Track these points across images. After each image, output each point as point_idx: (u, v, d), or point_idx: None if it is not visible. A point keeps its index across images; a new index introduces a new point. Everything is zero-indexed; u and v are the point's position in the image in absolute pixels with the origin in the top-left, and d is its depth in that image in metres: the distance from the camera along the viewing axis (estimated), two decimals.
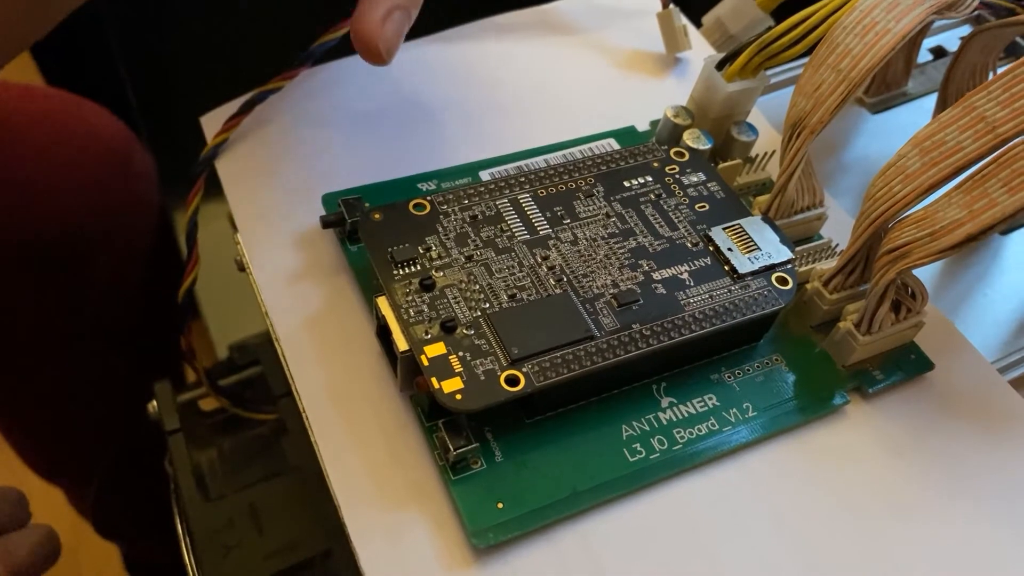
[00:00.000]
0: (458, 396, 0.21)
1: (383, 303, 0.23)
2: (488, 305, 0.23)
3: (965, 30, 0.37)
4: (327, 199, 0.27)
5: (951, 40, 0.37)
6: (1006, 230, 0.32)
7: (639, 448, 0.23)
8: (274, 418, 0.36)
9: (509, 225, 0.25)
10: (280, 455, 0.35)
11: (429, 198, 0.25)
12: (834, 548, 0.22)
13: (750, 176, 0.29)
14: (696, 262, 0.25)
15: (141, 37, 0.57)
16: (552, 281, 0.24)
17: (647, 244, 0.25)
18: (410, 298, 0.23)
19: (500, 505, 0.21)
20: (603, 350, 0.22)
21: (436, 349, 0.22)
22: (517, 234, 0.25)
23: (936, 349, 0.26)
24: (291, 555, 0.31)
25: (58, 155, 0.40)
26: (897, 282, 0.24)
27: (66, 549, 0.27)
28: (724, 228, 0.25)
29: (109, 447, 0.49)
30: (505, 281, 0.24)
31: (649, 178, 0.27)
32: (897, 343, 0.26)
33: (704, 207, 0.26)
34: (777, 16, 0.30)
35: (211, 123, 0.31)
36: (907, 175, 0.22)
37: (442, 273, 0.24)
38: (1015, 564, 0.22)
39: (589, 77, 0.33)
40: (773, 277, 0.25)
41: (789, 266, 0.25)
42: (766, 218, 0.26)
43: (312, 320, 0.25)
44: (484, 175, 0.29)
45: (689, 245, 0.25)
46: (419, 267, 0.24)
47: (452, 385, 0.21)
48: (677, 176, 0.27)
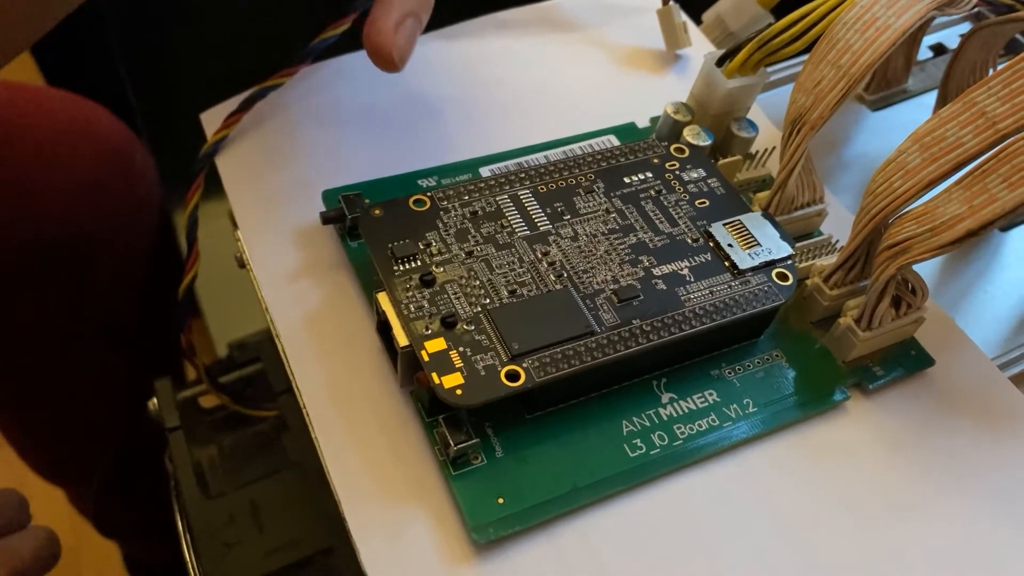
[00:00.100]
0: (458, 391, 0.21)
1: (383, 299, 0.23)
2: (488, 301, 0.23)
3: (965, 27, 0.37)
4: (327, 195, 0.27)
5: (951, 37, 0.37)
6: (1006, 226, 0.32)
7: (639, 444, 0.23)
8: (274, 415, 0.36)
9: (509, 221, 0.25)
10: (280, 452, 0.35)
11: (429, 194, 0.25)
12: (833, 544, 0.22)
13: (750, 172, 0.29)
14: (696, 258, 0.25)
15: (141, 36, 0.57)
16: (552, 277, 0.24)
17: (647, 240, 0.25)
18: (410, 294, 0.23)
19: (500, 500, 0.21)
20: (603, 346, 0.22)
21: (436, 345, 0.22)
22: (517, 230, 0.25)
23: (936, 345, 0.26)
24: (292, 552, 0.31)
25: (58, 155, 0.40)
26: (897, 278, 0.24)
27: (67, 549, 0.27)
28: (724, 224, 0.25)
29: (109, 446, 0.49)
30: (505, 277, 0.24)
31: (649, 174, 0.27)
32: (897, 339, 0.26)
33: (704, 203, 0.26)
34: (777, 13, 0.30)
35: (211, 120, 0.31)
36: (907, 171, 0.22)
37: (442, 269, 0.24)
38: (1015, 560, 0.22)
39: (589, 74, 0.33)
40: (773, 273, 0.25)
41: (789, 262, 0.25)
42: (766, 214, 0.26)
43: (312, 316, 0.25)
44: (484, 171, 0.29)
45: (689, 241, 0.25)
46: (419, 263, 0.24)
47: (452, 380, 0.21)
48: (677, 172, 0.27)
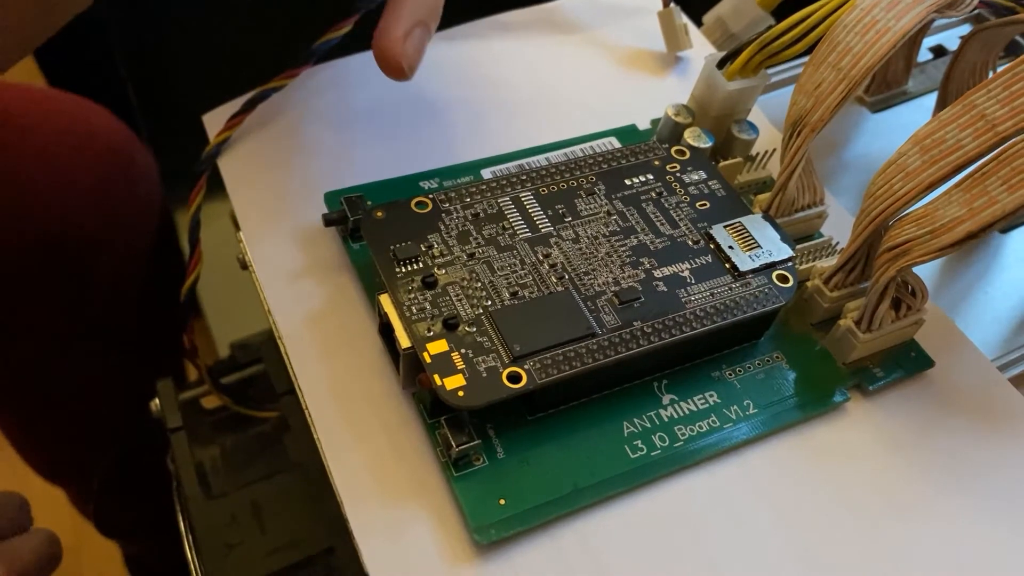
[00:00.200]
0: (460, 393, 0.21)
1: (385, 301, 0.23)
2: (490, 302, 0.23)
3: (965, 29, 0.38)
4: (329, 197, 0.27)
5: (951, 39, 0.37)
6: (1006, 228, 0.32)
7: (640, 445, 0.23)
8: (276, 416, 0.36)
9: (511, 223, 0.25)
10: (282, 453, 0.36)
11: (431, 196, 0.25)
12: (834, 545, 0.22)
13: (751, 174, 0.29)
14: (697, 260, 0.25)
15: (142, 36, 0.57)
16: (554, 279, 0.24)
17: (648, 242, 0.25)
18: (412, 295, 0.23)
19: (502, 501, 0.22)
20: (604, 347, 0.22)
21: (438, 346, 0.22)
22: (519, 232, 0.25)
23: (936, 347, 0.26)
24: (293, 552, 0.31)
25: (59, 156, 0.40)
26: (897, 280, 0.24)
27: (67, 549, 0.27)
28: (725, 226, 0.26)
29: (110, 446, 0.49)
30: (507, 279, 0.24)
31: (650, 176, 0.27)
32: (897, 341, 0.26)
33: (705, 205, 0.26)
34: (778, 15, 0.31)
35: (213, 121, 0.31)
36: (907, 173, 0.23)
37: (444, 271, 0.24)
38: (1015, 561, 0.23)
39: (590, 75, 0.34)
40: (774, 275, 0.25)
41: (790, 264, 0.25)
42: (767, 216, 0.26)
43: (314, 317, 0.26)
44: (486, 173, 0.29)
45: (690, 243, 0.25)
46: (421, 265, 0.24)
47: (454, 382, 0.21)
48: (678, 174, 0.27)
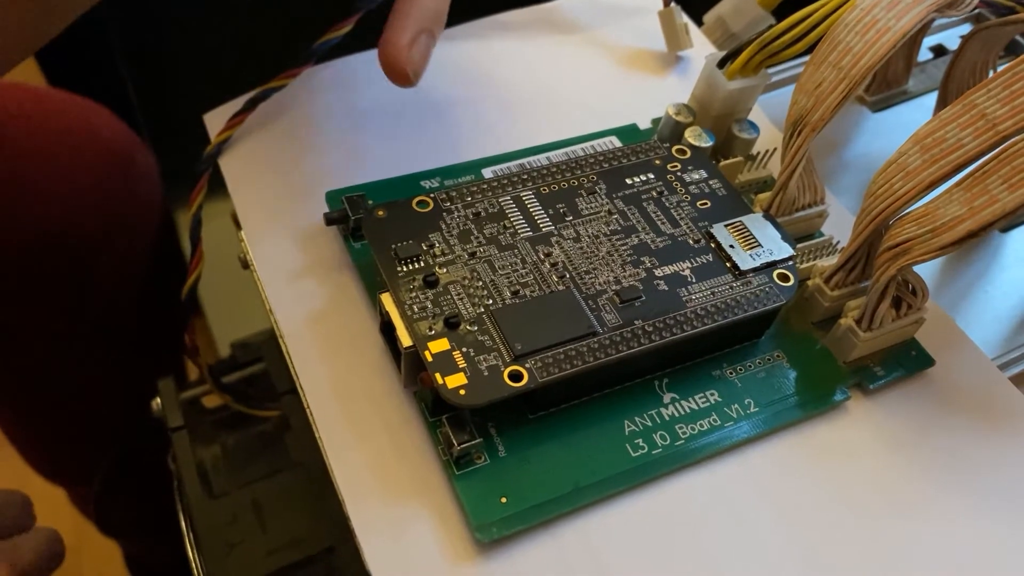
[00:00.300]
0: (462, 391, 0.21)
1: (387, 299, 0.23)
2: (491, 301, 0.23)
3: (965, 28, 0.38)
4: (331, 196, 0.27)
5: (951, 39, 0.37)
6: (1006, 227, 0.32)
7: (641, 444, 0.23)
8: (277, 415, 0.36)
9: (512, 222, 0.25)
10: (283, 452, 0.36)
11: (432, 195, 0.25)
12: (834, 543, 0.22)
13: (751, 174, 0.29)
14: (698, 259, 0.25)
15: (142, 36, 0.57)
16: (555, 278, 0.24)
17: (649, 241, 0.25)
18: (414, 294, 0.23)
19: (503, 500, 0.22)
20: (606, 346, 0.22)
21: (440, 345, 0.22)
22: (520, 231, 0.25)
23: (937, 345, 0.26)
24: (295, 551, 0.31)
25: (60, 156, 0.40)
26: (898, 279, 0.24)
27: (68, 548, 0.27)
28: (726, 225, 0.26)
29: (111, 446, 0.49)
30: (508, 278, 0.24)
31: (651, 175, 0.27)
32: (898, 339, 0.26)
33: (706, 204, 0.26)
34: (778, 14, 0.31)
35: (214, 121, 0.31)
36: (908, 172, 0.23)
37: (445, 270, 0.24)
38: (1015, 559, 0.23)
39: (591, 75, 0.34)
40: (774, 274, 0.25)
41: (790, 263, 0.25)
42: (767, 215, 0.26)
43: (316, 316, 0.26)
44: (487, 172, 0.29)
45: (691, 242, 0.25)
46: (423, 264, 0.24)
47: (456, 381, 0.21)
48: (679, 173, 0.27)
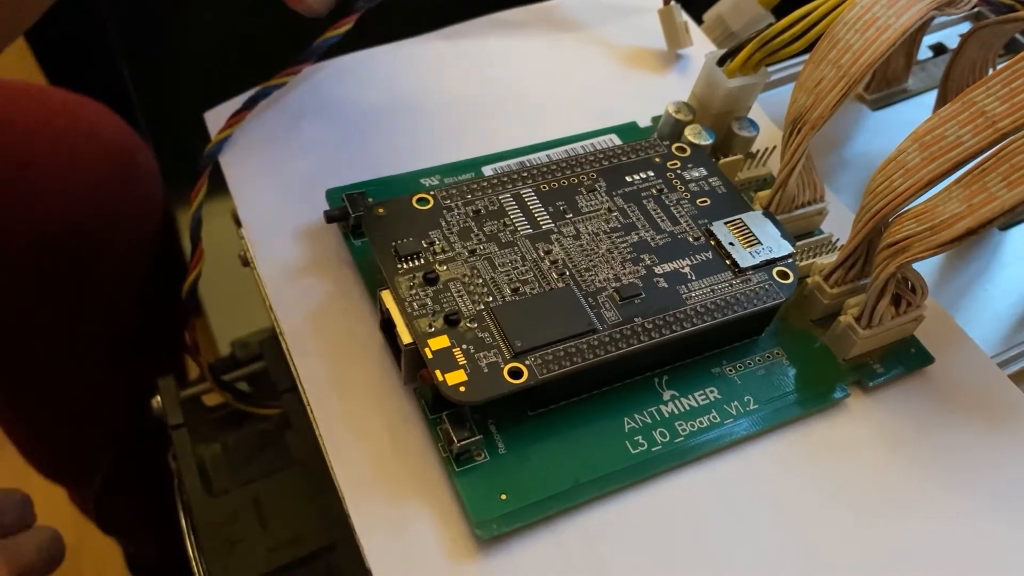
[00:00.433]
0: (462, 388, 0.21)
1: (387, 297, 0.23)
2: (491, 299, 0.23)
3: (965, 27, 0.38)
4: (331, 194, 0.27)
5: (951, 37, 0.37)
6: (1005, 225, 0.32)
7: (641, 440, 0.23)
8: (277, 413, 0.36)
9: (512, 220, 0.25)
10: (283, 450, 0.36)
11: (432, 193, 0.25)
12: (834, 540, 0.22)
13: (751, 171, 0.29)
14: (697, 256, 0.25)
15: (143, 34, 0.57)
16: (555, 275, 0.24)
17: (649, 238, 0.25)
18: (414, 292, 0.23)
19: (503, 497, 0.22)
20: (605, 343, 0.23)
21: (440, 342, 0.22)
22: (520, 228, 0.25)
23: (936, 343, 0.26)
24: (295, 549, 0.31)
25: (61, 155, 0.40)
26: (897, 276, 0.24)
27: (68, 547, 0.27)
28: (725, 223, 0.26)
29: (111, 444, 0.49)
30: (508, 275, 0.24)
31: (651, 173, 0.27)
32: (897, 337, 0.26)
33: (705, 202, 0.26)
34: (778, 13, 0.31)
35: (215, 119, 0.31)
36: (907, 170, 0.23)
37: (445, 267, 0.24)
38: (1014, 556, 0.23)
39: (591, 73, 0.34)
40: (774, 271, 0.25)
41: (790, 260, 0.25)
42: (767, 213, 0.26)
43: (316, 314, 0.26)
44: (487, 170, 0.29)
45: (691, 239, 0.25)
46: (423, 261, 0.24)
47: (456, 378, 0.21)
48: (679, 171, 0.27)
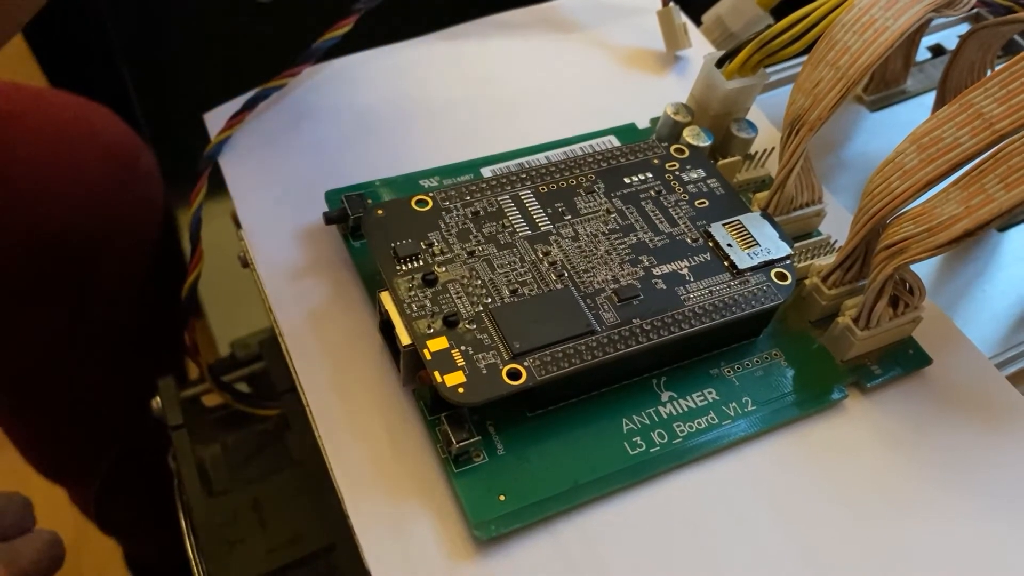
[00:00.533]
0: (460, 390, 0.21)
1: (386, 298, 0.23)
2: (490, 300, 0.23)
3: (963, 28, 0.38)
4: (330, 195, 0.28)
5: (950, 38, 0.37)
6: (1003, 226, 0.32)
7: (639, 442, 0.23)
8: (277, 413, 0.36)
9: (511, 221, 0.25)
10: (283, 450, 0.36)
11: (431, 194, 0.26)
12: (832, 540, 0.22)
13: (749, 173, 0.29)
14: (696, 258, 0.25)
15: (143, 36, 0.57)
16: (553, 276, 0.24)
17: (647, 240, 0.25)
18: (413, 293, 0.23)
19: (502, 497, 0.22)
20: (604, 344, 0.23)
21: (438, 343, 0.22)
22: (519, 230, 0.25)
23: (934, 344, 0.26)
24: (295, 549, 0.31)
25: (61, 157, 0.40)
26: (895, 277, 0.24)
27: (68, 548, 0.27)
28: (724, 224, 0.26)
29: (112, 445, 0.49)
30: (507, 276, 0.24)
31: (649, 175, 0.27)
32: (895, 338, 0.26)
33: (704, 203, 0.26)
34: (776, 14, 0.31)
35: (214, 120, 0.31)
36: (905, 171, 0.23)
37: (444, 268, 0.24)
38: (1012, 557, 0.23)
39: (590, 75, 0.34)
40: (772, 273, 0.25)
41: (788, 262, 0.25)
42: (765, 214, 0.26)
43: (316, 315, 0.26)
44: (486, 172, 0.29)
45: (689, 241, 0.25)
46: (422, 262, 0.24)
47: (454, 379, 0.21)
48: (677, 173, 0.27)
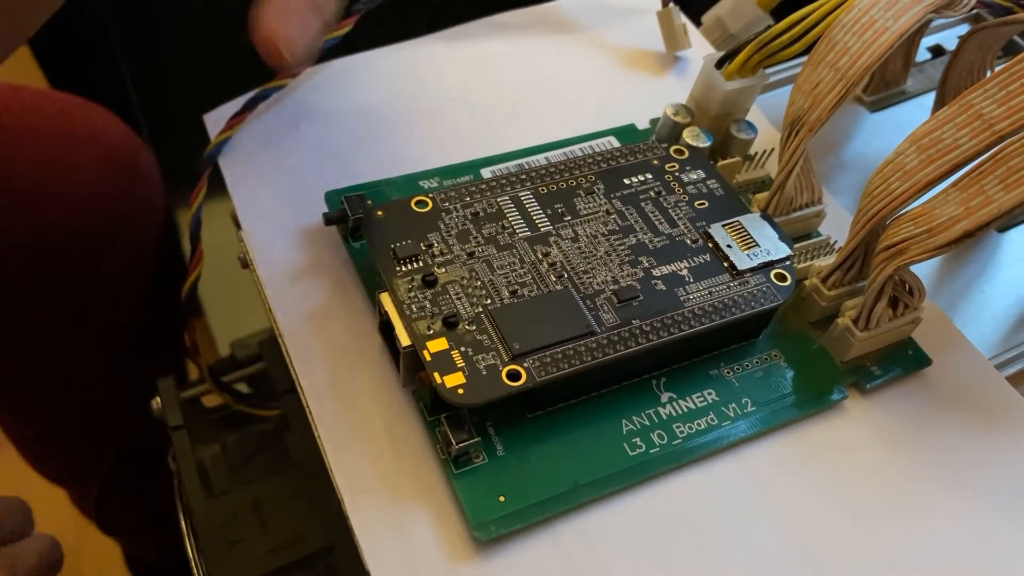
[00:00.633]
0: (460, 391, 0.21)
1: (386, 299, 0.23)
2: (490, 301, 0.23)
3: (963, 29, 0.38)
4: (330, 196, 0.28)
5: (949, 39, 0.37)
6: (1003, 227, 0.32)
7: (639, 442, 0.23)
8: (277, 414, 0.36)
9: (510, 222, 0.25)
10: (283, 451, 0.36)
11: (431, 195, 0.26)
12: (832, 541, 0.23)
13: (749, 174, 0.29)
14: (695, 259, 0.25)
15: (143, 37, 0.57)
16: (553, 277, 0.24)
17: (647, 241, 0.25)
18: (412, 294, 0.23)
19: (502, 498, 0.22)
20: (603, 345, 0.23)
21: (438, 344, 0.22)
22: (518, 231, 0.25)
23: (933, 345, 0.26)
24: (294, 550, 0.31)
25: (62, 159, 0.40)
26: (895, 278, 0.24)
27: (68, 548, 0.27)
28: (723, 225, 0.26)
29: (112, 446, 0.49)
30: (506, 277, 0.24)
31: (649, 176, 0.27)
32: (895, 339, 0.26)
33: (703, 204, 0.26)
34: (776, 15, 0.31)
35: (214, 121, 0.31)
36: (905, 172, 0.23)
37: (444, 269, 0.24)
38: (1012, 557, 0.23)
39: (589, 75, 0.34)
40: (772, 273, 0.25)
41: (788, 263, 0.25)
42: (765, 215, 0.26)
43: (315, 316, 0.26)
44: (485, 172, 0.29)
45: (689, 242, 0.25)
46: (421, 263, 0.24)
47: (454, 380, 0.21)
48: (677, 174, 0.27)
